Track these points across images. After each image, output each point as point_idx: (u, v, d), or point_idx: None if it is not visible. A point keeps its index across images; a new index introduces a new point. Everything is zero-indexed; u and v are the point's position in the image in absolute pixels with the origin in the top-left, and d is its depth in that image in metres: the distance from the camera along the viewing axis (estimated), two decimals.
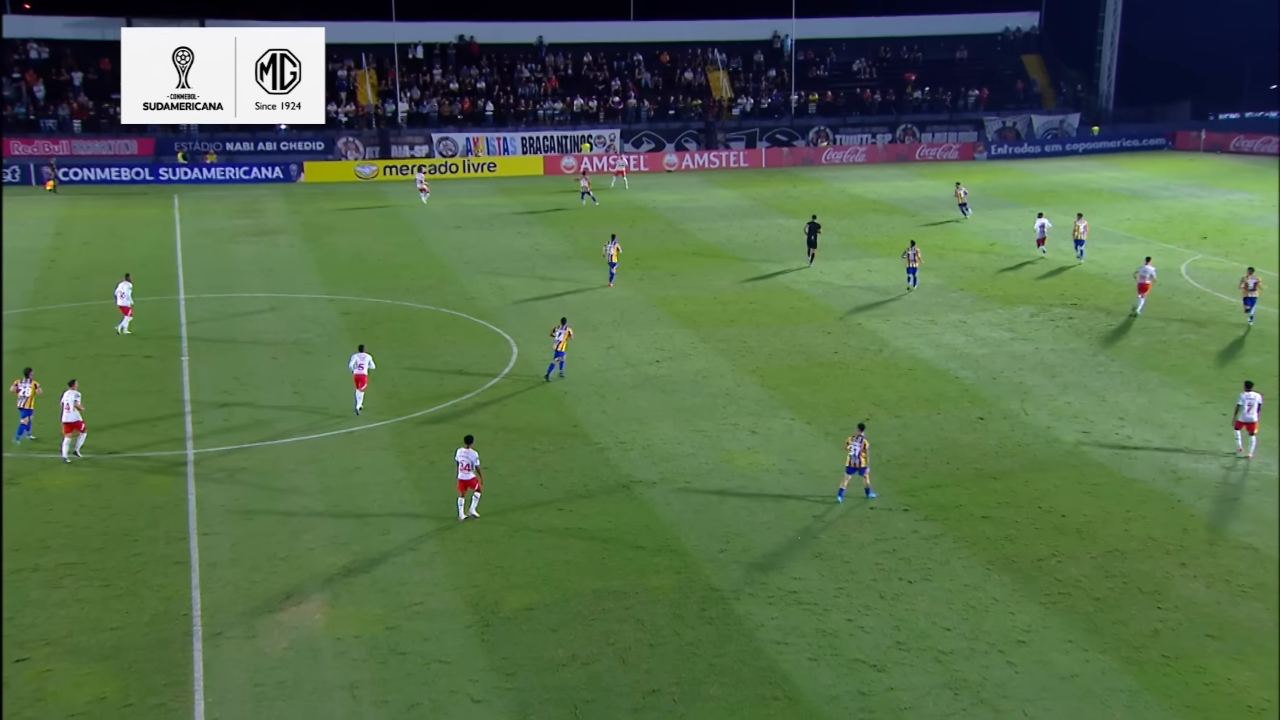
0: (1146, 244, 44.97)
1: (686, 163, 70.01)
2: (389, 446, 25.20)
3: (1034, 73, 79.44)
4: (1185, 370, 29.67)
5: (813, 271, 41.42)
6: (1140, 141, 75.52)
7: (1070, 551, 20.17)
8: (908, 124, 75.16)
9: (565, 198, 59.00)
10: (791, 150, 72.15)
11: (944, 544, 20.57)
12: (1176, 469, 23.61)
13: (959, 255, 43.87)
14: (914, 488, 22.96)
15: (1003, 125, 76.04)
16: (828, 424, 26.40)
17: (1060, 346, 32.04)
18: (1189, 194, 57.13)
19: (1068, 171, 66.00)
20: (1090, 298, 37.02)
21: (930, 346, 32.32)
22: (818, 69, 77.37)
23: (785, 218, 52.72)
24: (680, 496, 22.67)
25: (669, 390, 28.87)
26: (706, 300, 37.73)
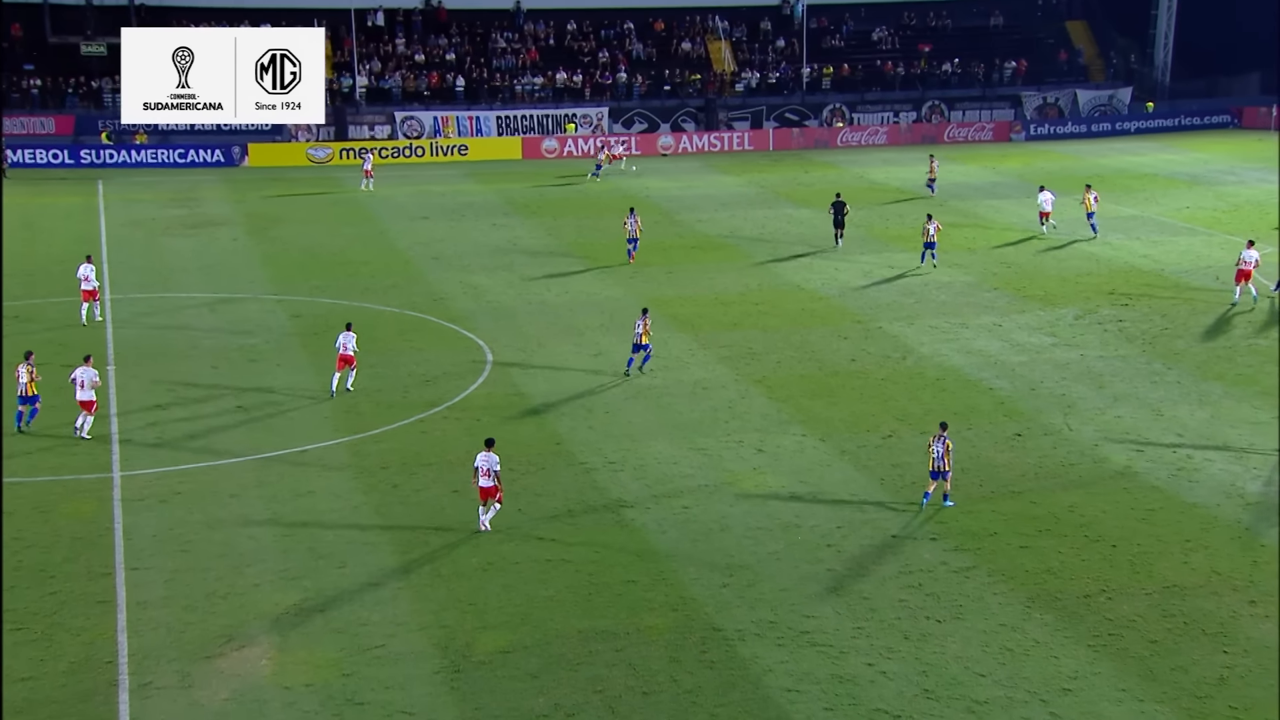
0: (1209, 235, 45.19)
1: (684, 145, 70.19)
2: (346, 467, 25.20)
3: (1079, 41, 79.75)
4: (1253, 380, 29.78)
5: (828, 269, 41.53)
6: (1202, 119, 75.84)
7: (1122, 587, 20.23)
8: (935, 101, 75.40)
9: (546, 185, 59.10)
10: (803, 131, 72.33)
11: (977, 578, 20.61)
12: (1244, 492, 23.70)
13: (992, 250, 44.04)
14: (943, 514, 23.01)
15: (1043, 101, 76.32)
16: (844, 441, 26.46)
17: (1109, 353, 32.14)
18: (1258, 179, 57.38)
19: (1118, 154, 66.26)
20: (1143, 297, 37.17)
21: (961, 353, 32.41)
22: (832, 39, 77.60)
23: (796, 207, 52.84)
24: (677, 524, 22.69)
25: (664, 403, 28.91)
26: (707, 301, 37.80)
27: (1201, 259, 41.86)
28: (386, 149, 65.61)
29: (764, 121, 73.14)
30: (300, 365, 31.75)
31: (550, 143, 68.47)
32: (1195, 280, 39.05)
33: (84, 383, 26.35)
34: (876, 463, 25.36)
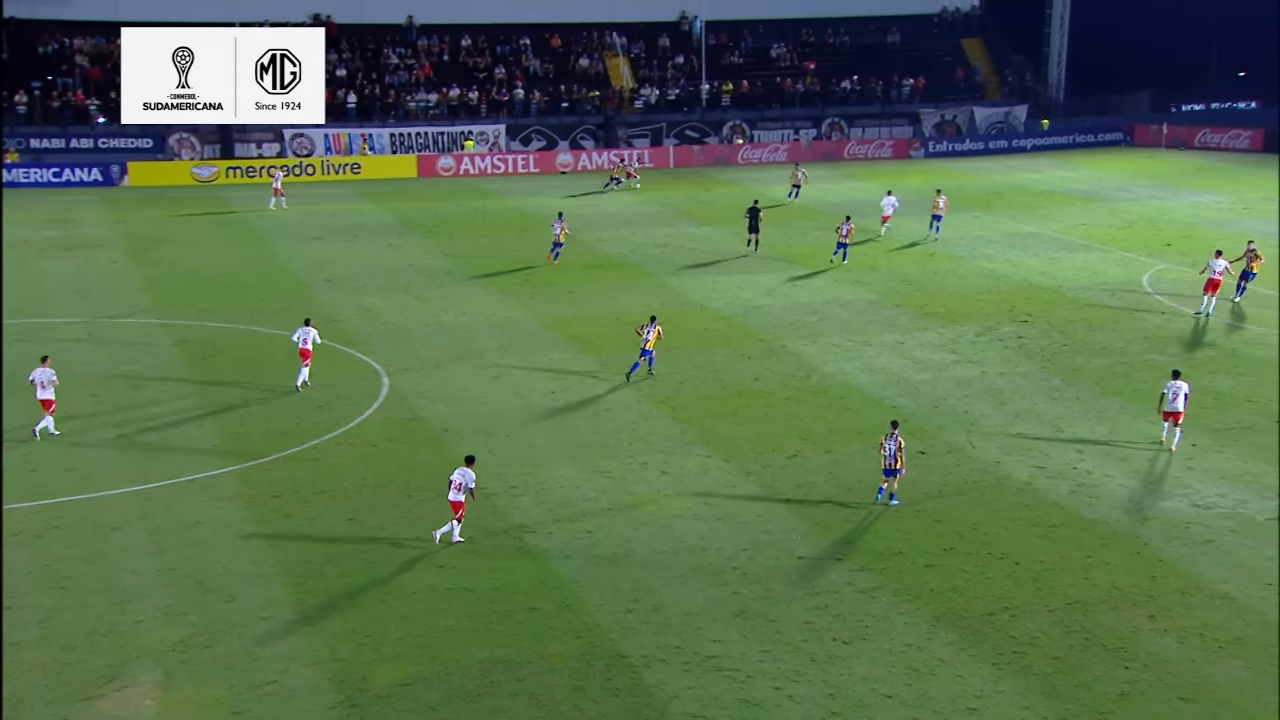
0: (1105, 252, 46.52)
1: (583, 163, 70.39)
2: (236, 497, 24.75)
3: (975, 59, 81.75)
4: (1150, 396, 30.66)
5: (731, 287, 41.91)
6: (1095, 137, 78.14)
7: (1025, 604, 20.65)
8: (835, 118, 76.68)
9: (443, 204, 58.81)
10: (703, 148, 73.03)
11: (883, 598, 20.90)
12: (1142, 507, 24.37)
13: (895, 267, 44.82)
14: (848, 534, 23.30)
15: (941, 119, 78.03)
16: (749, 461, 26.67)
17: (1010, 370, 32.88)
18: (1150, 196, 59.30)
19: (1015, 171, 67.97)
20: (1042, 314, 38.10)
21: (864, 371, 32.90)
22: (731, 55, 78.55)
23: (697, 225, 53.26)
24: (580, 549, 22.66)
25: (566, 426, 28.88)
26: (608, 321, 37.89)
27: (1098, 275, 43.08)
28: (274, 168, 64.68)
29: (664, 138, 73.70)
30: (186, 392, 31.13)
31: (446, 160, 68.19)
32: (1092, 297, 40.16)
33: (43, 383, 27.51)
34: (782, 483, 25.60)
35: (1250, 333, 35.24)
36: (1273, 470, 25.92)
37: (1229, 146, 74.08)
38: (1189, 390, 27.15)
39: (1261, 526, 23.28)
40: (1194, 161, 70.39)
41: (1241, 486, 25.13)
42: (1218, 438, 27.81)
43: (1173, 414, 26.87)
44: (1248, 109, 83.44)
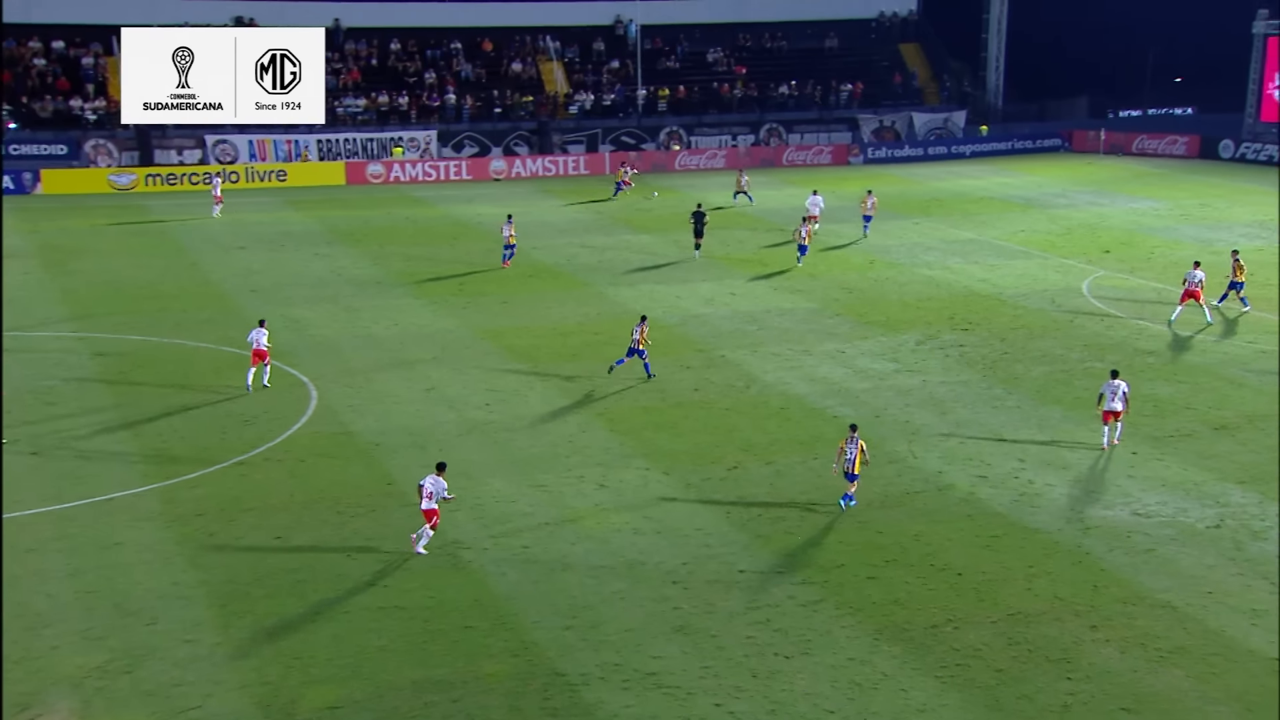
0: (1044, 259, 47.20)
1: (517, 170, 70.25)
2: (157, 516, 24.38)
3: (913, 64, 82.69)
4: (1091, 403, 31.10)
5: (669, 296, 42.01)
6: (1034, 143, 79.29)
7: (968, 616, 20.85)
8: (773, 124, 77.17)
9: (373, 212, 58.43)
10: (640, 155, 73.16)
11: (825, 611, 21.01)
12: (1084, 517, 24.71)
13: (835, 275, 45.16)
14: (790, 546, 23.41)
15: (880, 125, 78.82)
16: (688, 474, 26.72)
17: (951, 378, 33.24)
18: (1088, 202, 60.26)
19: (954, 177, 68.78)
20: (982, 322, 38.56)
21: (804, 381, 33.10)
22: (667, 59, 78.85)
23: (634, 233, 53.33)
24: (517, 565, 22.57)
25: (501, 439, 28.78)
26: (544, 331, 37.82)
27: (1038, 282, 43.69)
28: (197, 175, 63.95)
29: (600, 145, 73.77)
30: (104, 406, 30.64)
31: (375, 167, 67.77)
32: (1032, 304, 40.71)
33: None
34: (722, 495, 25.66)
35: (1188, 339, 35.90)
36: (1211, 477, 26.40)
37: (1166, 153, 75.46)
38: (1128, 389, 27.97)
39: (1202, 535, 23.70)
40: (1132, 167, 71.64)
41: (1182, 494, 25.57)
42: (1158, 445, 28.28)
43: (1111, 413, 27.71)
44: (1184, 115, 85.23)
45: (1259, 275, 43.83)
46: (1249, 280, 40.10)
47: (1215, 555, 22.80)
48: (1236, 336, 36.62)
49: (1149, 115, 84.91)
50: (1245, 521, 24.15)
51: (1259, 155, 71.92)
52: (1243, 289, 39.22)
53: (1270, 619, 20.49)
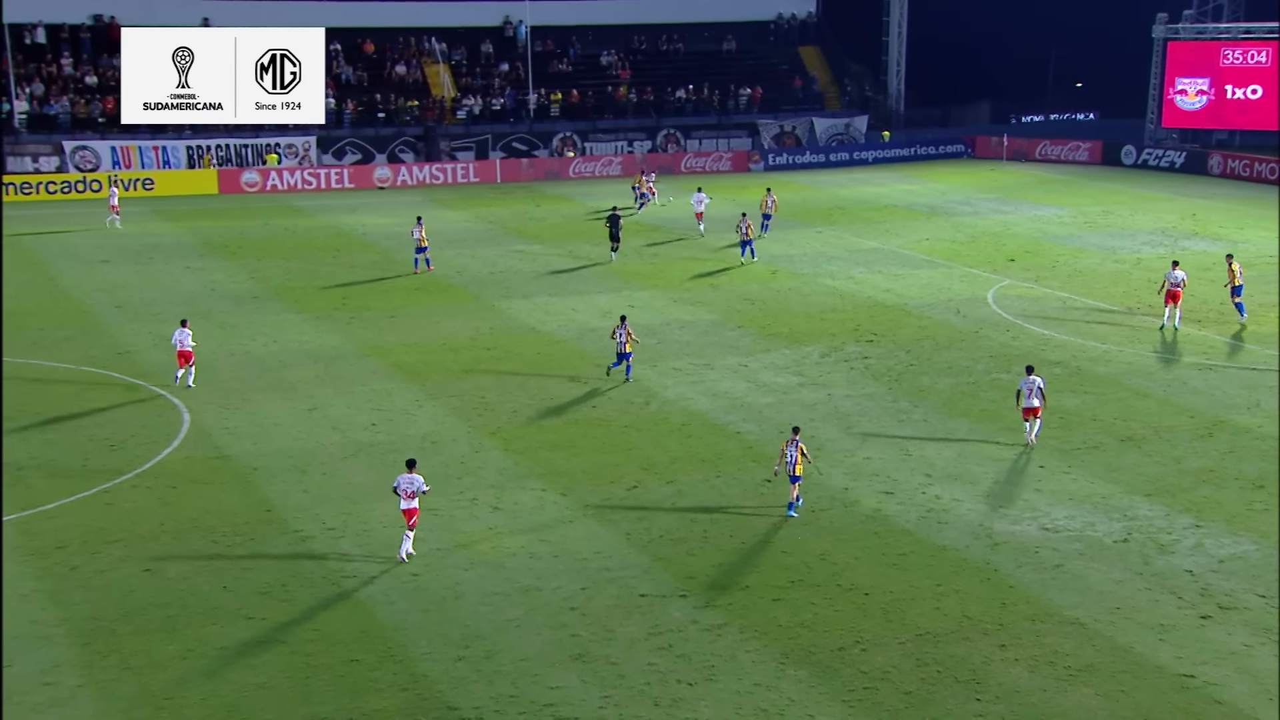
0: (949, 268, 48.09)
1: (403, 177, 69.79)
2: (14, 549, 23.70)
3: (813, 68, 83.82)
4: (997, 416, 31.76)
5: (565, 309, 42.02)
6: (937, 148, 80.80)
7: (876, 637, 21.11)
8: (670, 129, 77.65)
9: (249, 222, 57.58)
10: (532, 162, 73.15)
11: (729, 635, 21.12)
12: (992, 532, 25.18)
13: (736, 285, 45.54)
14: (692, 568, 23.50)
15: (780, 130, 79.73)
16: (586, 494, 26.71)
17: (856, 391, 33.68)
18: (992, 210, 61.56)
19: (857, 184, 69.78)
20: (887, 333, 39.15)
21: (706, 396, 33.29)
22: (559, 63, 78.95)
23: (527, 243, 53.27)
24: (406, 593, 22.36)
25: (389, 460, 28.52)
26: (433, 347, 37.57)
27: (943, 292, 44.50)
28: (55, 183, 62.46)
29: (490, 151, 73.59)
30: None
31: (251, 175, 66.83)
32: (938, 314, 41.45)
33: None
34: (621, 516, 25.69)
35: (1094, 350, 36.83)
36: (1118, 490, 27.09)
37: (1069, 159, 77.40)
38: (1043, 384, 29.30)
39: (1110, 549, 24.29)
40: (1035, 174, 73.35)
41: (1089, 508, 26.19)
42: (1065, 458, 28.95)
43: (1030, 410, 29.03)
44: (1086, 120, 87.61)
45: None
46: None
47: (1123, 570, 23.39)
48: (1141, 345, 37.65)
49: (1051, 121, 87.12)
50: (1152, 535, 24.81)
51: (1161, 161, 74.10)
52: (1241, 291, 39.99)
53: (1177, 634, 21.06)
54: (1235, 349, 37.21)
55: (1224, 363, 35.87)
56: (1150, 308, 41.62)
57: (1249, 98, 73.86)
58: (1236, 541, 24.42)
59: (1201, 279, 45.63)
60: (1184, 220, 57.90)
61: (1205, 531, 24.90)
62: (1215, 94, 74.68)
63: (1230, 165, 70.64)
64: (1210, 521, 25.36)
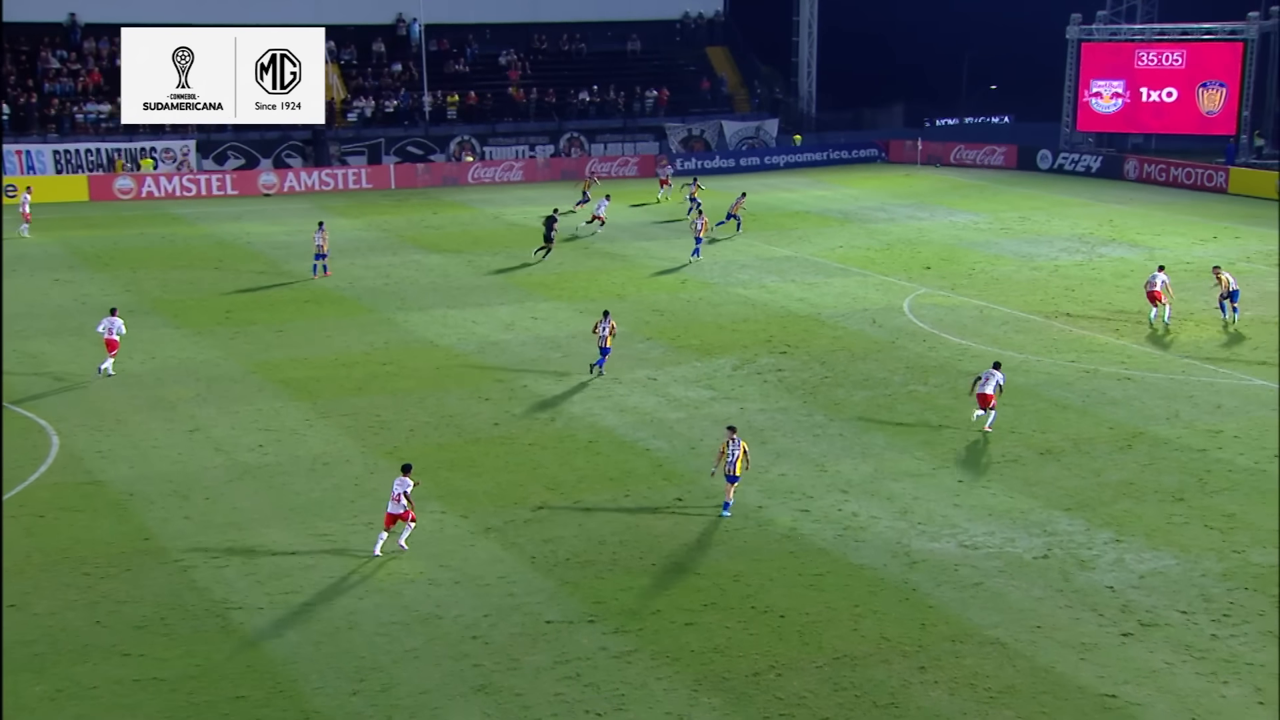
0: (863, 276, 48.67)
1: (290, 183, 69.10)
2: None
3: (721, 69, 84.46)
4: (914, 430, 32.18)
5: (464, 322, 41.86)
6: (850, 153, 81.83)
7: (792, 661, 21.25)
8: (573, 133, 77.76)
9: (123, 231, 56.61)
10: (429, 167, 72.81)
11: (640, 661, 21.14)
12: (910, 550, 25.47)
13: (644, 295, 45.68)
14: (601, 592, 23.49)
15: (688, 134, 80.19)
16: (489, 517, 26.60)
17: (770, 405, 33.92)
18: (908, 216, 62.45)
19: (769, 190, 70.37)
20: (801, 344, 39.51)
21: (614, 412, 33.33)
22: (456, 63, 78.68)
23: (424, 253, 52.99)
24: (296, 624, 22.09)
25: (278, 484, 28.18)
26: (325, 362, 37.23)
27: (858, 301, 45.02)
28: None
29: (383, 156, 73.14)
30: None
31: (125, 181, 65.73)
32: (853, 324, 41.92)
33: None
34: (526, 539, 25.62)
35: (1012, 359, 37.46)
36: (1038, 505, 27.56)
37: (984, 163, 78.82)
38: (1002, 380, 31.51)
39: (1030, 566, 24.70)
40: (950, 179, 74.57)
41: (1009, 524, 26.62)
42: (983, 472, 29.41)
43: (984, 396, 31.31)
44: (1002, 124, 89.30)
45: (1080, 291, 46.14)
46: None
47: (1043, 587, 23.79)
48: (1060, 355, 38.39)
49: (966, 124, 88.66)
50: (1072, 551, 25.27)
51: (1077, 166, 75.75)
52: (1238, 298, 41.45)
53: (1099, 653, 21.47)
54: (1153, 358, 38.08)
55: (1143, 372, 36.70)
56: (1068, 316, 42.50)
57: (1164, 100, 75.83)
58: (1157, 556, 24.98)
59: (1119, 286, 46.72)
60: (1101, 226, 59.20)
61: (1125, 546, 25.43)
62: (1130, 97, 76.56)
63: (1146, 170, 72.40)
64: (1130, 536, 25.90)
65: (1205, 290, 44.48)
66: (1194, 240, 55.64)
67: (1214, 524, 26.38)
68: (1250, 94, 74.25)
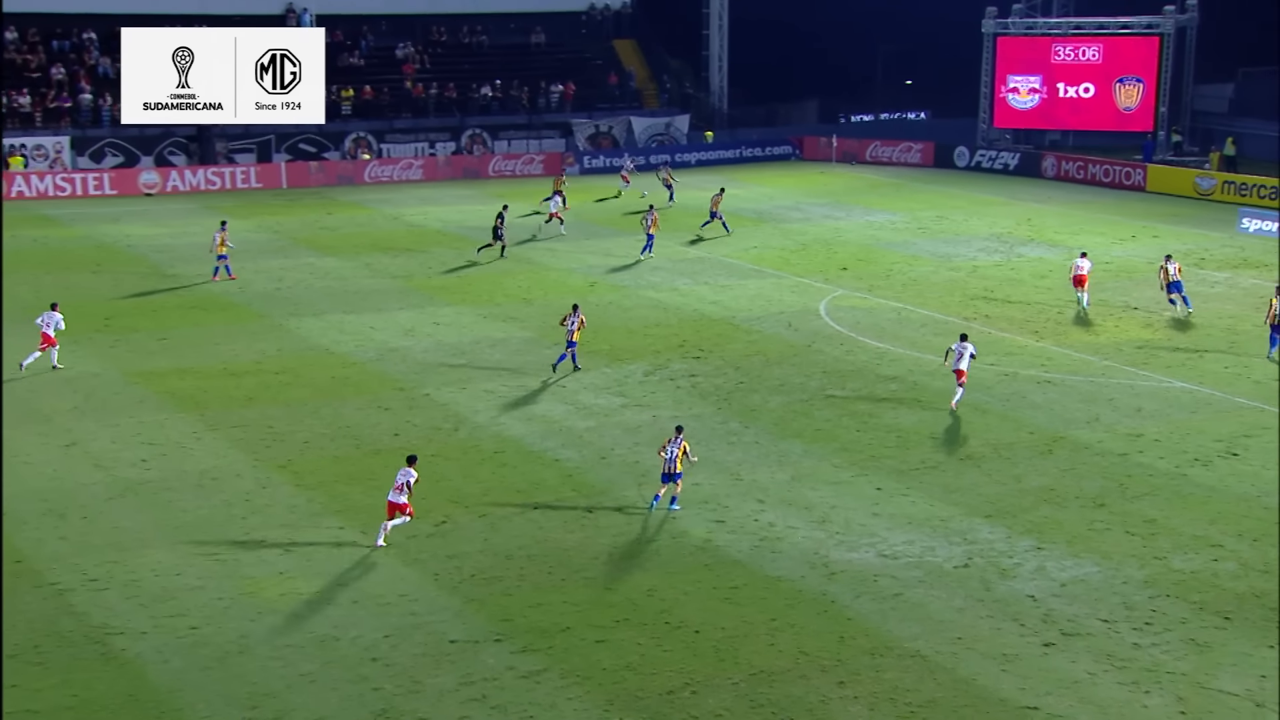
0: (779, 278, 49.02)
1: (174, 183, 68.14)
2: None
3: (629, 63, 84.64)
4: (832, 436, 32.46)
5: (362, 328, 41.58)
6: (763, 150, 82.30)
7: (708, 678, 21.32)
8: (475, 129, 77.48)
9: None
10: (322, 165, 72.16)
11: (549, 681, 21.10)
12: (828, 561, 25.68)
13: (552, 299, 45.63)
14: (508, 609, 23.42)
15: (596, 130, 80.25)
16: (390, 532, 26.41)
17: (683, 412, 34.01)
18: (823, 215, 63.00)
19: (679, 188, 70.22)
20: (715, 349, 39.70)
21: (521, 421, 33.26)
22: (350, 55, 78.04)
23: (319, 255, 52.54)
24: (183, 649, 21.79)
25: (162, 501, 27.81)
26: (213, 372, 36.79)
27: (772, 304, 45.32)
28: None
29: (273, 154, 72.31)
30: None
31: None
32: (768, 328, 42.20)
33: None
34: (429, 555, 25.48)
35: (931, 363, 37.92)
36: (958, 512, 27.93)
37: (900, 161, 79.71)
38: (974, 351, 34.17)
39: (950, 575, 25.01)
40: (866, 177, 75.33)
41: (929, 532, 26.94)
42: (903, 479, 29.74)
43: (960, 372, 33.81)
44: (918, 120, 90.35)
45: (999, 292, 46.84)
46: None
47: (964, 597, 24.11)
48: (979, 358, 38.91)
49: (882, 120, 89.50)
50: (993, 559, 25.64)
51: (994, 163, 76.88)
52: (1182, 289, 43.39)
53: (1020, 664, 21.79)
54: (1074, 361, 38.75)
55: (1063, 375, 37.33)
56: (986, 318, 43.13)
57: (1081, 96, 77.24)
58: (1078, 564, 25.41)
59: (1038, 287, 47.51)
60: (1019, 225, 60.16)
61: (1047, 554, 25.84)
62: (1047, 92, 77.88)
63: (1064, 167, 73.67)
64: (1051, 543, 26.33)
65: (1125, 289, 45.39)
66: (1113, 240, 56.70)
67: (1135, 530, 26.91)
68: (1167, 90, 75.90)
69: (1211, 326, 42.16)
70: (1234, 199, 64.34)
